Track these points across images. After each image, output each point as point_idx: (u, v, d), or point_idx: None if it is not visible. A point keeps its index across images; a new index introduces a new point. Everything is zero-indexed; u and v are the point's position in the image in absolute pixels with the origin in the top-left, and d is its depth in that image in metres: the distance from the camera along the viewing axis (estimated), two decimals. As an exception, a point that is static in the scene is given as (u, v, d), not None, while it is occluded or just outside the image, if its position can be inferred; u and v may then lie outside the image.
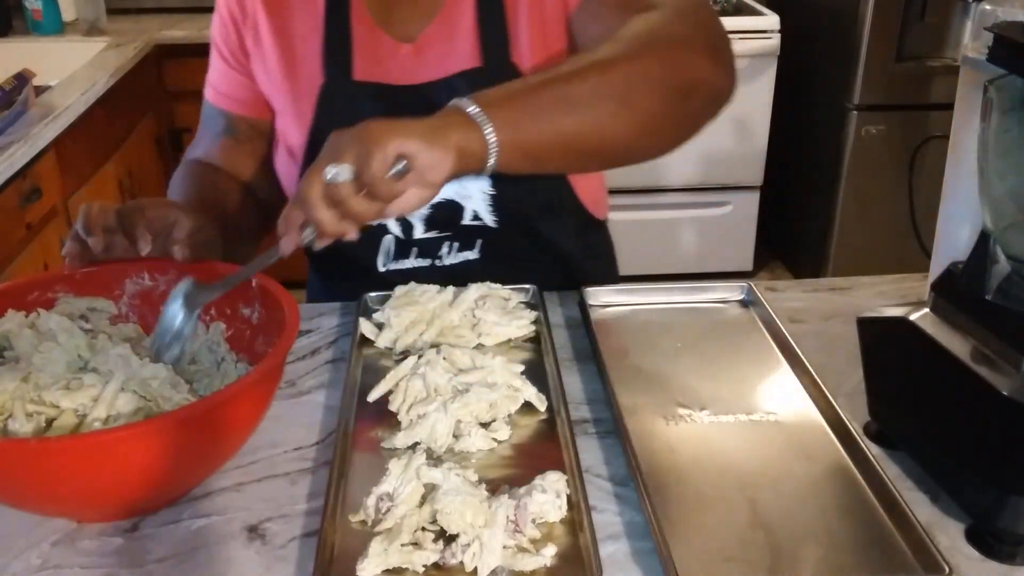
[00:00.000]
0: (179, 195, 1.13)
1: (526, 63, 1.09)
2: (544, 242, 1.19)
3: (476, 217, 1.14)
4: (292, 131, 1.14)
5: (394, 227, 1.15)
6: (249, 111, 1.19)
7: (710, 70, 0.92)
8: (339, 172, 0.76)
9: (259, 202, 1.21)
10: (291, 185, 1.17)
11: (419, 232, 1.15)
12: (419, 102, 1.10)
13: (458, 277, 1.09)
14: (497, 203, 1.13)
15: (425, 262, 1.17)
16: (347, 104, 1.10)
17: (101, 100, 2.18)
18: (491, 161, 0.81)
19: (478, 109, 0.81)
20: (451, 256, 1.17)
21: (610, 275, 1.32)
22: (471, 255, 1.16)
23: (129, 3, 2.82)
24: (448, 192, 1.12)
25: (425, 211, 1.13)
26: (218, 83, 1.20)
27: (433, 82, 1.09)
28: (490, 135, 0.80)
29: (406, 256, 1.16)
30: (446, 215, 1.14)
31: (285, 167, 1.17)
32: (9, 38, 2.62)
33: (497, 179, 1.11)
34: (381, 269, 1.17)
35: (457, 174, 0.80)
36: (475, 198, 1.13)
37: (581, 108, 0.86)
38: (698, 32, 0.95)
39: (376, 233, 1.16)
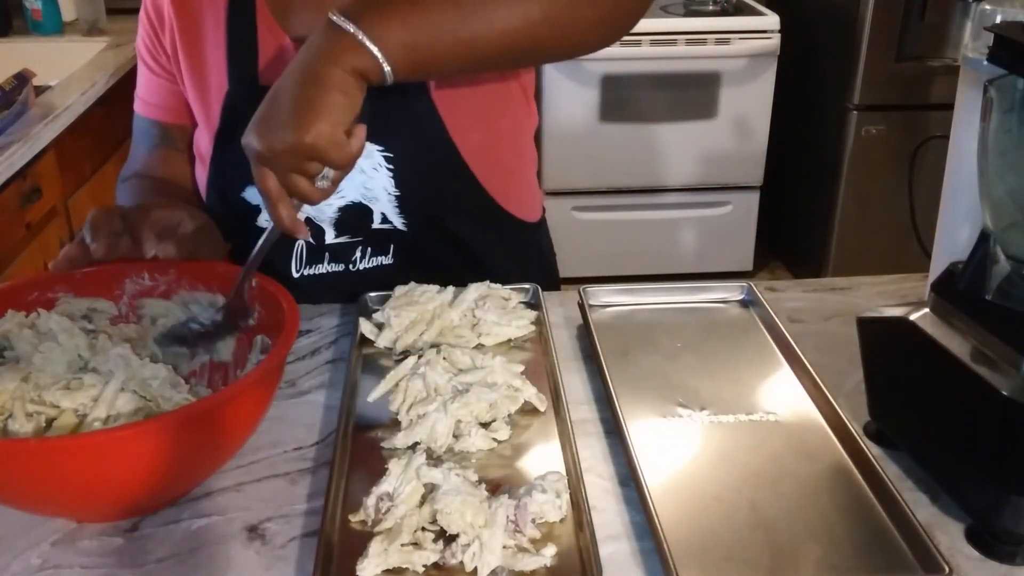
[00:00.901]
0: None
1: None
2: (459, 246, 1.16)
3: (385, 220, 1.13)
4: (202, 137, 1.13)
5: None
6: (182, 119, 1.17)
7: None
8: (324, 175, 0.81)
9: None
10: (203, 188, 1.16)
11: (330, 237, 1.14)
12: None
13: (373, 281, 1.08)
14: (403, 204, 1.11)
15: (339, 267, 1.15)
16: (251, 110, 1.08)
17: (101, 100, 2.18)
18: (387, 76, 0.81)
19: (357, 29, 0.78)
20: (365, 261, 1.15)
21: (545, 282, 1.20)
22: (385, 260, 1.15)
23: (129, 3, 2.80)
24: (355, 195, 1.11)
25: (334, 214, 1.12)
26: (147, 94, 1.18)
27: None
28: (378, 54, 0.79)
29: (319, 261, 1.15)
30: (355, 219, 1.12)
31: (198, 172, 1.16)
32: (9, 38, 2.61)
33: (401, 181, 1.10)
34: (295, 275, 1.15)
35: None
36: (382, 200, 1.11)
37: (470, 4, 0.81)
38: None
39: (287, 240, 1.14)
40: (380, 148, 1.08)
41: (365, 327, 1.03)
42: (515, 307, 1.06)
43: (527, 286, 1.09)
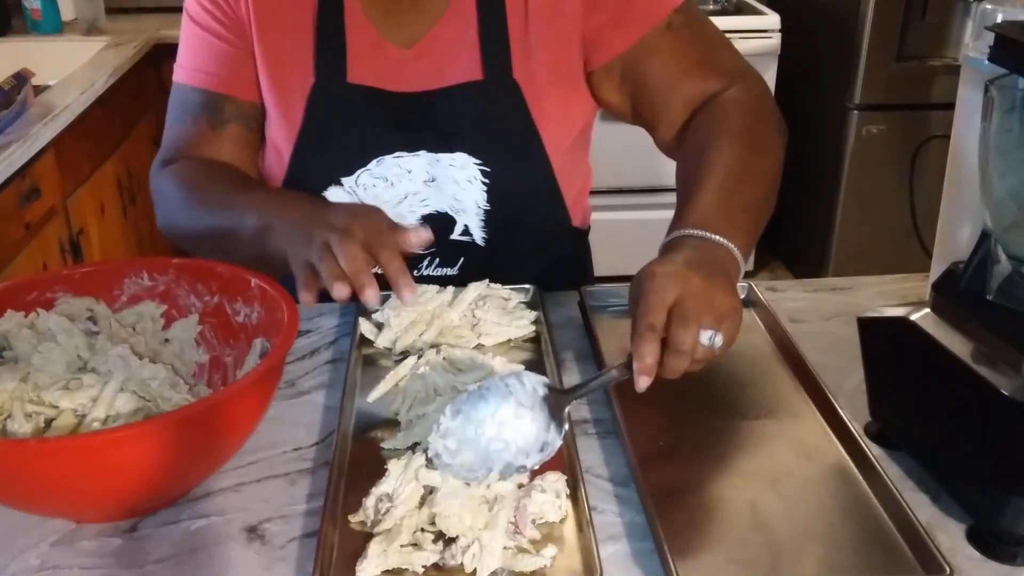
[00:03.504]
0: (225, 205, 1.01)
1: (528, 81, 1.07)
2: (522, 257, 1.16)
3: (466, 232, 1.13)
4: (280, 131, 1.10)
5: None
6: (236, 90, 1.10)
7: (783, 145, 1.07)
8: (714, 337, 0.78)
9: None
10: (276, 185, 1.13)
11: None
12: (417, 110, 1.08)
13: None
14: (490, 218, 1.12)
15: None
16: (339, 106, 1.07)
17: (100, 100, 2.18)
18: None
19: (729, 244, 0.86)
20: (429, 269, 1.15)
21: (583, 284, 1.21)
22: (450, 271, 1.15)
23: (128, 3, 2.81)
24: (442, 205, 1.11)
25: (416, 222, 1.11)
26: (205, 63, 1.10)
27: (432, 91, 1.07)
28: (740, 260, 0.87)
29: None
30: (435, 229, 1.11)
31: (272, 167, 1.14)
32: (8, 37, 2.61)
33: (493, 195, 1.10)
34: None
35: None
36: (469, 212, 1.11)
37: (762, 211, 0.96)
38: (770, 108, 1.11)
39: None
40: (477, 161, 1.08)
41: (365, 327, 1.03)
42: (515, 307, 1.06)
43: (527, 286, 1.09)
